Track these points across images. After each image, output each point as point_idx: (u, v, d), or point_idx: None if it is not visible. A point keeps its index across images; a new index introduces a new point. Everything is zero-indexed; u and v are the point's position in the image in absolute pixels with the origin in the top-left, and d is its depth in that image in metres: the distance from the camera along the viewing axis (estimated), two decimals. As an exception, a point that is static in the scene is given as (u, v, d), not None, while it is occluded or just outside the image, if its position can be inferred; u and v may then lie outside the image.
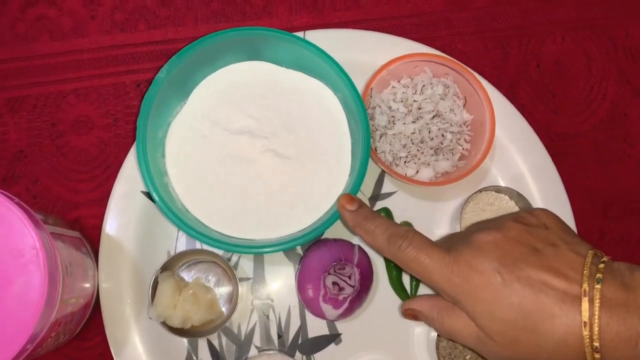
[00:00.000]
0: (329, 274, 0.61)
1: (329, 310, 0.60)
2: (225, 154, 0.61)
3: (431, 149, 0.64)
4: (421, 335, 0.66)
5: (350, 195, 0.58)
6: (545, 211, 0.56)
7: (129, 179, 0.64)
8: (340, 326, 0.65)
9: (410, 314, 0.59)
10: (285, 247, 0.57)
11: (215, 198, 0.60)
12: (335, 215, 0.58)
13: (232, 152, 0.61)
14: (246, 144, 0.61)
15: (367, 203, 0.68)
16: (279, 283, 0.66)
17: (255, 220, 0.60)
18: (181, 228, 0.56)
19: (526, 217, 0.55)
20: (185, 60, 0.60)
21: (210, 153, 0.61)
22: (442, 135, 0.64)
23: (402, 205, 0.68)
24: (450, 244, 0.54)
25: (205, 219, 0.60)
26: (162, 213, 0.57)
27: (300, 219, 0.60)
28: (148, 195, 0.64)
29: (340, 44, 0.68)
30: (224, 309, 0.64)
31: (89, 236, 0.65)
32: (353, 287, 0.61)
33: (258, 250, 0.57)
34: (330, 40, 0.68)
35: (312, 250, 0.63)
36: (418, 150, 0.64)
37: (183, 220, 0.57)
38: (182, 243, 0.65)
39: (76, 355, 0.64)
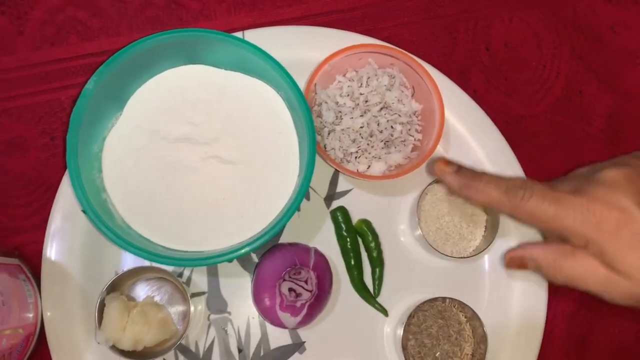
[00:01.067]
0: (284, 280, 0.58)
1: (287, 318, 0.58)
2: (166, 164, 0.58)
3: (381, 141, 0.62)
4: (390, 335, 0.64)
5: (445, 159, 0.56)
6: None
7: (68, 199, 0.61)
8: (304, 334, 0.63)
9: (517, 263, 0.56)
10: (234, 255, 0.54)
11: (158, 211, 0.57)
12: (286, 218, 0.55)
13: (172, 162, 0.58)
14: (187, 152, 0.58)
15: (322, 204, 0.66)
16: (236, 295, 0.63)
17: (202, 231, 0.57)
18: (121, 246, 0.53)
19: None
20: (116, 69, 0.57)
21: (150, 165, 0.58)
22: (392, 127, 0.62)
23: (358, 203, 0.65)
24: (573, 186, 0.52)
25: (148, 234, 0.57)
26: (100, 232, 0.54)
27: (250, 225, 0.57)
28: (89, 214, 0.61)
29: (282, 42, 0.66)
30: (179, 327, 0.60)
31: (32, 262, 0.62)
32: (310, 291, 0.58)
33: (206, 262, 0.54)
34: (271, 39, 0.65)
35: (265, 258, 0.60)
36: (368, 144, 0.61)
37: (123, 237, 0.53)
38: (129, 261, 0.62)
39: (26, 389, 0.60)
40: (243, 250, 0.54)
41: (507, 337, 0.64)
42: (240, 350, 0.62)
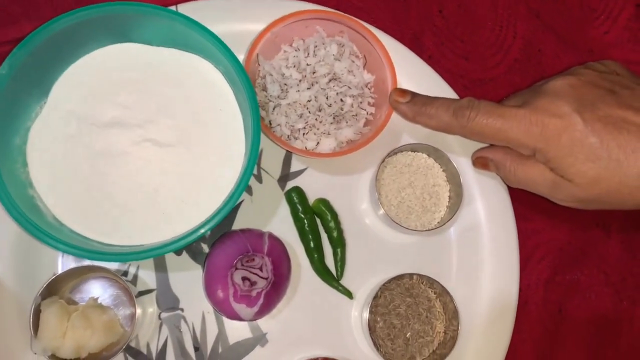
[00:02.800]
0: (236, 269, 0.54)
1: (242, 309, 0.53)
2: (96, 152, 0.53)
3: (330, 116, 0.57)
4: (357, 319, 0.60)
5: (400, 88, 0.58)
6: (613, 61, 0.57)
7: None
8: (264, 325, 0.58)
9: (481, 163, 0.60)
10: (177, 245, 0.49)
11: (91, 204, 0.52)
12: (232, 201, 0.51)
13: (103, 149, 0.53)
14: (118, 137, 0.53)
15: (276, 185, 0.61)
16: (188, 289, 0.58)
17: (142, 223, 0.52)
18: (51, 245, 0.48)
19: (595, 65, 0.56)
20: (34, 52, 0.51)
21: (79, 154, 0.53)
22: (341, 100, 0.58)
23: (314, 182, 0.61)
24: (521, 100, 0.54)
25: (83, 230, 0.52)
26: (26, 231, 0.49)
27: (194, 212, 0.53)
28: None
29: (220, 14, 0.61)
30: (127, 329, 0.56)
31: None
32: (266, 279, 0.54)
33: (148, 254, 0.50)
34: (208, 12, 0.61)
35: (215, 247, 0.56)
36: (316, 119, 0.57)
37: (52, 235, 0.49)
38: (69, 263, 0.57)
39: (-38, 410, 0.55)
40: (187, 239, 0.50)
41: (480, 311, 0.60)
42: (196, 349, 0.57)
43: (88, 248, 0.49)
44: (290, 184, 0.61)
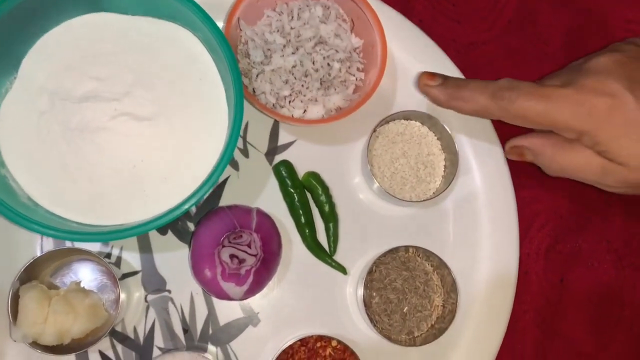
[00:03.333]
0: (224, 246, 0.51)
1: (232, 288, 0.51)
2: (72, 128, 0.50)
3: (317, 81, 0.55)
4: (352, 295, 0.58)
5: (428, 72, 0.55)
6: None
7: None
8: (256, 304, 0.56)
9: (517, 152, 0.56)
10: (160, 222, 0.47)
11: (67, 183, 0.50)
12: (216, 175, 0.48)
13: (78, 125, 0.50)
14: (93, 112, 0.50)
15: (264, 160, 0.59)
16: (175, 270, 0.56)
17: (122, 201, 0.50)
18: (24, 226, 0.46)
19: (635, 39, 0.53)
20: (-1, 24, 0.48)
21: (54, 131, 0.50)
22: (328, 64, 0.55)
23: (304, 155, 0.59)
24: (562, 80, 0.51)
25: (60, 210, 0.49)
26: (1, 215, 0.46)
27: (176, 189, 0.50)
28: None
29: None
30: (113, 313, 0.53)
31: None
32: (255, 256, 0.51)
33: (128, 233, 0.47)
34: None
35: (201, 224, 0.53)
36: (303, 85, 0.54)
37: (25, 216, 0.46)
38: (49, 244, 0.54)
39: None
40: (170, 216, 0.47)
41: (480, 283, 0.58)
42: (185, 331, 0.55)
43: (66, 229, 0.46)
44: (278, 158, 0.59)
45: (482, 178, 0.60)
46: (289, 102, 0.54)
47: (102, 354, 0.53)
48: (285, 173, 0.57)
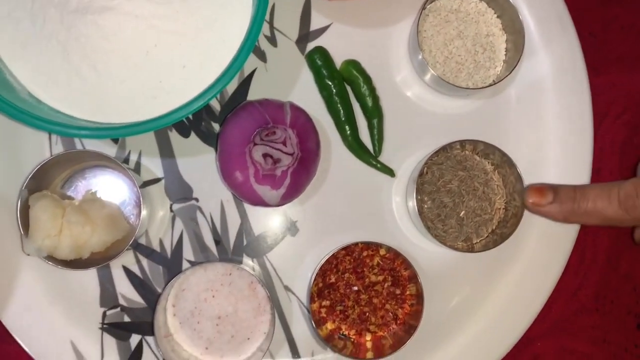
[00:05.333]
0: (255, 144, 0.44)
1: (267, 192, 0.45)
2: (70, 11, 0.42)
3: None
4: (400, 201, 0.51)
5: (533, 187, 0.48)
6: None
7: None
8: (293, 212, 0.50)
9: None
10: (178, 115, 0.40)
11: (71, 76, 0.43)
12: (239, 61, 0.41)
13: (78, 6, 0.42)
14: (95, -12, 0.42)
15: (294, 48, 0.51)
16: (201, 176, 0.50)
17: (134, 95, 0.43)
18: (27, 122, 0.40)
19: None
20: None
21: (50, 16, 0.43)
22: None
23: (339, 41, 0.51)
24: None
25: (65, 107, 0.43)
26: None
27: (197, 79, 0.43)
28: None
29: None
30: (134, 224, 0.48)
31: None
32: (291, 154, 0.45)
33: (143, 128, 0.41)
34: None
35: (228, 121, 0.46)
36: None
37: (29, 112, 0.40)
38: (59, 149, 0.48)
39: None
40: (189, 109, 0.41)
41: (548, 179, 0.51)
42: (217, 242, 0.49)
43: (72, 124, 0.40)
44: (311, 46, 0.51)
45: (551, 62, 0.51)
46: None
47: (125, 269, 0.48)
48: (320, 62, 0.49)
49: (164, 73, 0.43)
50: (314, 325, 0.47)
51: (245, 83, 0.50)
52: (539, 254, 0.51)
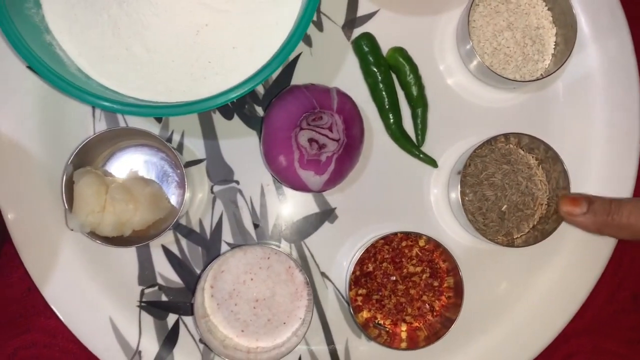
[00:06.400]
0: (302, 129, 0.44)
1: (310, 178, 0.44)
2: (124, -14, 0.42)
3: None
4: (440, 192, 0.51)
5: (568, 196, 0.46)
6: None
7: (7, 52, 0.47)
8: (333, 199, 0.50)
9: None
10: (227, 98, 0.40)
11: (121, 53, 0.43)
12: (291, 44, 0.41)
13: (132, -19, 0.42)
14: (148, -35, 0.42)
15: (340, 34, 0.50)
16: (243, 159, 0.49)
17: (183, 74, 0.43)
18: (75, 96, 0.39)
19: None
20: None
21: (104, -11, 0.42)
22: None
23: (387, 27, 0.50)
24: None
25: (112, 83, 0.43)
26: (46, 81, 0.40)
27: (247, 61, 0.43)
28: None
29: None
30: (175, 204, 0.48)
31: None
32: (337, 140, 0.44)
33: (190, 108, 0.40)
34: None
35: (274, 105, 0.46)
36: None
37: (77, 85, 0.39)
38: (102, 127, 0.48)
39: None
40: (237, 92, 0.40)
41: (592, 181, 0.50)
42: (256, 226, 0.49)
43: (119, 100, 0.40)
44: (357, 32, 0.50)
45: (601, 57, 0.50)
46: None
47: (165, 248, 0.49)
48: (367, 48, 0.49)
49: (214, 53, 0.43)
50: (352, 311, 0.47)
51: (290, 67, 0.50)
52: (579, 252, 0.50)
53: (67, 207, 0.44)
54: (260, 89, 0.49)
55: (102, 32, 0.43)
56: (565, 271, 0.50)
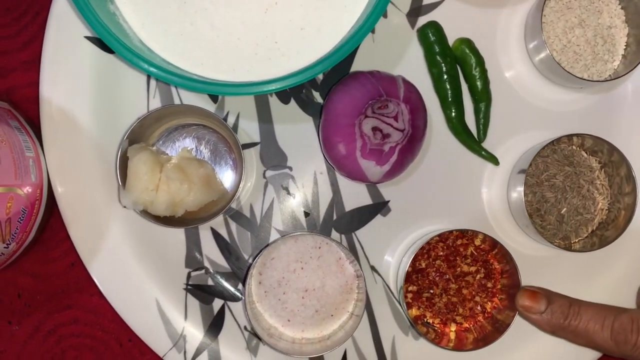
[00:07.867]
0: (367, 116, 0.43)
1: (371, 168, 0.43)
2: (191, -43, 0.41)
3: None
4: (492, 195, 0.49)
5: (527, 289, 0.45)
6: None
7: (64, 21, 0.45)
8: (387, 191, 0.48)
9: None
10: (292, 81, 0.38)
11: (185, 28, 0.41)
12: (365, 29, 0.39)
13: (202, -47, 0.40)
14: (221, -64, 0.40)
15: (405, 21, 0.49)
16: (297, 145, 0.48)
17: (249, 53, 0.41)
18: (137, 65, 0.38)
19: None
20: None
21: (170, -40, 0.41)
22: None
23: (454, 17, 0.49)
24: None
25: (174, 58, 0.41)
26: (113, 49, 0.38)
27: (315, 43, 0.41)
28: (95, 40, 0.45)
29: None
30: (226, 187, 0.47)
31: (28, 113, 0.48)
32: (402, 130, 0.43)
33: (258, 89, 0.39)
34: None
35: (337, 91, 0.45)
36: None
37: (139, 55, 0.38)
38: (156, 104, 0.47)
39: (42, 270, 0.48)
40: (303, 75, 0.39)
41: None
42: (307, 214, 0.48)
43: (182, 74, 0.39)
44: (422, 20, 0.48)
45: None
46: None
47: (214, 231, 0.47)
48: (433, 37, 0.47)
49: (281, 34, 0.41)
50: (405, 307, 0.45)
51: (351, 53, 0.48)
52: (638, 262, 0.49)
53: (120, 183, 0.43)
54: (319, 74, 0.48)
55: (167, 4, 0.41)
56: (620, 281, 0.49)
